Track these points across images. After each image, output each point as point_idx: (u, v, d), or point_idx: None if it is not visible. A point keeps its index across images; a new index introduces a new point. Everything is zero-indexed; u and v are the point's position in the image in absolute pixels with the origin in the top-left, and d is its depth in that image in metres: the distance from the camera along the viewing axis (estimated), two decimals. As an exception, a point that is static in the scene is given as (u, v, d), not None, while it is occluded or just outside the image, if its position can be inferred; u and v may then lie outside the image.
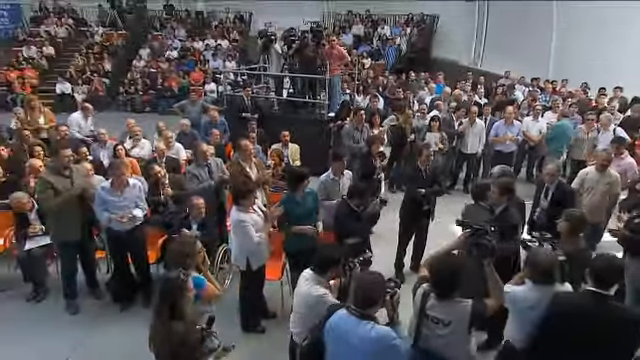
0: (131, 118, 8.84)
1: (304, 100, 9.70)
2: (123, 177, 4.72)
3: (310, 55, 9.35)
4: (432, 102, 10.05)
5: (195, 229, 5.04)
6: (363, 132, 7.60)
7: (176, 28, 19.09)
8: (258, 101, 9.95)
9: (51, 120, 8.82)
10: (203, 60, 17.29)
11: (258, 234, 4.32)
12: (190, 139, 8.08)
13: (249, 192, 4.30)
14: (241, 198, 4.28)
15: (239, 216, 4.27)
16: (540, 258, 3.00)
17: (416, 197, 5.34)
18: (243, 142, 5.63)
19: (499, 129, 8.45)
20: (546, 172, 5.42)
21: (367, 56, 15.94)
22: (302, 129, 8.46)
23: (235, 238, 4.46)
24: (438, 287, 2.90)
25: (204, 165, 5.50)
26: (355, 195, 4.47)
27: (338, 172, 5.35)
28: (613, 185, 5.56)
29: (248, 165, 5.60)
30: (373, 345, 2.58)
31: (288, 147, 7.87)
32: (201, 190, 5.34)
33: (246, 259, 4.43)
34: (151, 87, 15.92)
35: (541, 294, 2.95)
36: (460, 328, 2.86)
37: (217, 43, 17.99)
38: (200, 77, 16.41)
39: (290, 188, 4.68)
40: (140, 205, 4.94)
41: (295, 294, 3.50)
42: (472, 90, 11.51)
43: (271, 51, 9.71)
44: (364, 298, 2.68)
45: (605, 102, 10.19)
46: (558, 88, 11.96)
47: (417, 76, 12.95)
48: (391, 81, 12.94)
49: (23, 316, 5.11)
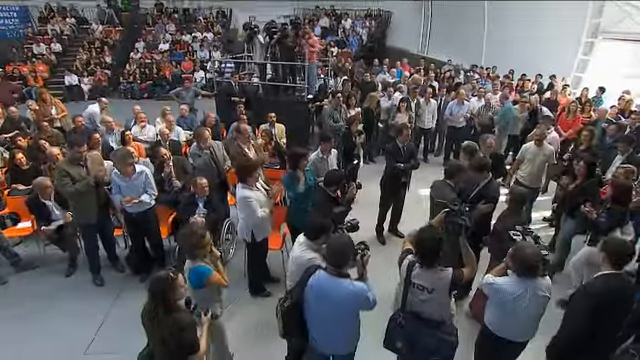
0: (132, 105, 8.10)
1: (286, 84, 9.08)
2: (128, 167, 4.12)
3: (290, 45, 8.68)
4: (394, 85, 9.62)
5: (202, 207, 4.58)
6: (341, 112, 7.13)
7: (166, 23, 17.66)
8: (245, 86, 9.29)
9: (62, 110, 7.97)
10: (191, 51, 16.13)
11: (262, 209, 3.89)
12: (189, 122, 7.42)
13: (254, 170, 3.84)
14: (246, 175, 3.82)
15: (244, 193, 3.81)
16: (527, 253, 2.66)
17: (396, 171, 5.00)
18: (243, 126, 5.07)
19: (452, 108, 8.13)
20: (486, 144, 5.13)
21: (334, 45, 15.16)
22: (285, 110, 7.83)
23: (240, 213, 4.01)
24: (422, 257, 2.66)
25: (206, 147, 4.92)
26: (332, 183, 3.99)
27: (326, 151, 4.90)
28: (549, 157, 5.44)
29: (247, 147, 5.06)
30: (353, 298, 2.53)
31: (275, 127, 7.33)
32: (205, 169, 4.82)
33: (251, 232, 4.02)
34: (148, 76, 14.73)
35: (525, 286, 2.68)
36: (442, 293, 2.69)
37: (203, 36, 16.81)
38: (190, 66, 15.37)
39: (291, 166, 4.21)
40: (149, 191, 4.38)
41: (290, 257, 3.18)
42: (425, 75, 11.10)
43: (255, 41, 8.92)
44: (338, 258, 2.56)
45: (529, 86, 10.09)
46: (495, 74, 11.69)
47: (380, 62, 12.37)
48: (357, 67, 12.31)
49: (57, 288, 4.63)
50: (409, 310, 2.75)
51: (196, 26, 17.63)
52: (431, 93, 8.16)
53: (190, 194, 4.69)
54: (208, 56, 15.39)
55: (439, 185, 4.09)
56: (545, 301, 2.74)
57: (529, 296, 2.66)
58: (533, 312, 2.73)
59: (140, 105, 7.93)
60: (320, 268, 2.64)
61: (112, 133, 6.73)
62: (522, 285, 2.68)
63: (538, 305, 2.72)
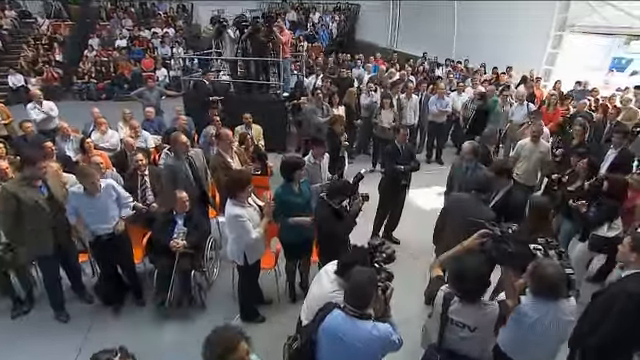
0: (89, 107, 7.24)
1: (259, 82, 8.50)
2: (94, 184, 3.50)
3: (262, 39, 8.11)
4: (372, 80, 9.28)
5: (181, 224, 4.01)
6: (324, 110, 6.67)
7: (122, 18, 16.42)
8: (215, 84, 8.63)
9: (7, 116, 6.98)
10: (152, 47, 15.06)
11: (256, 229, 3.39)
12: (157, 126, 6.72)
13: (247, 184, 3.31)
14: (239, 190, 3.29)
15: (235, 210, 3.29)
16: (548, 272, 2.26)
17: (396, 174, 4.62)
18: (223, 131, 4.47)
19: (434, 103, 7.91)
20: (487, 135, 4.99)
21: (304, 39, 14.64)
22: (259, 109, 7.26)
23: (230, 233, 3.49)
24: (465, 292, 2.25)
25: (185, 158, 4.33)
26: (336, 194, 3.50)
27: (319, 155, 4.44)
28: (545, 154, 5.29)
29: (229, 155, 4.50)
30: (375, 343, 2.14)
31: (252, 128, 6.78)
32: (184, 181, 4.23)
33: (243, 254, 3.51)
34: (105, 75, 13.54)
35: (546, 309, 2.31)
36: (487, 331, 2.30)
37: (164, 31, 15.74)
38: (151, 64, 14.28)
39: (285, 178, 3.73)
40: (123, 203, 3.78)
41: (314, 288, 2.69)
42: (400, 69, 10.83)
43: (225, 36, 8.27)
44: (360, 298, 2.14)
45: (505, 78, 10.05)
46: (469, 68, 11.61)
47: (352, 57, 11.99)
48: (330, 62, 11.88)
49: (18, 330, 3.89)
50: (446, 348, 2.38)
51: (155, 21, 16.51)
52: (413, 88, 7.87)
53: (167, 210, 4.11)
54: (170, 53, 14.41)
55: (470, 201, 3.45)
56: (569, 326, 2.41)
57: (549, 320, 2.31)
58: (553, 338, 2.39)
59: (98, 107, 7.11)
60: (338, 307, 2.21)
61: (68, 140, 5.94)
62: (542, 307, 2.32)
63: (560, 330, 2.37)
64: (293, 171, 3.65)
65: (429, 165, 8.18)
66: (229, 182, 3.30)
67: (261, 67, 8.39)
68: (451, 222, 3.49)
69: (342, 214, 3.47)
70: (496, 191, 3.72)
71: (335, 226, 3.43)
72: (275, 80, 8.46)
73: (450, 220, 3.53)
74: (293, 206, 3.68)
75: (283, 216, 3.67)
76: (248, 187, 3.31)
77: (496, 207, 3.58)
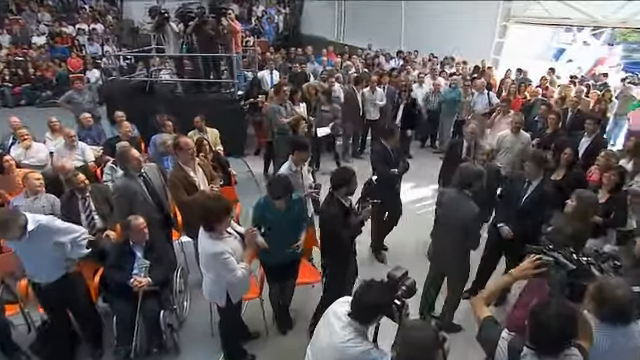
0: (5, 115, 6.07)
1: (210, 80, 7.71)
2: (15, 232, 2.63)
3: (210, 33, 7.32)
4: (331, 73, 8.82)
5: (141, 256, 3.29)
6: (287, 109, 6.09)
7: (37, 11, 14.44)
8: (155, 84, 7.72)
9: None
10: (78, 45, 13.36)
11: (241, 265, 2.79)
12: (96, 135, 5.75)
13: (226, 214, 2.69)
14: (215, 223, 2.67)
15: (214, 247, 2.68)
16: (617, 295, 1.90)
17: (391, 177, 4.23)
18: (183, 140, 3.74)
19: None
20: (469, 131, 4.79)
21: (249, 34, 13.80)
22: (212, 111, 6.47)
23: (209, 273, 2.88)
24: (546, 346, 1.79)
25: (138, 175, 3.57)
26: (342, 184, 3.11)
27: (300, 162, 3.90)
28: (527, 144, 5.17)
29: (191, 168, 3.79)
30: None
31: (206, 132, 6.02)
32: (140, 203, 3.48)
33: (226, 294, 2.92)
34: (21, 78, 11.75)
35: (612, 336, 1.96)
36: None
37: (91, 27, 14.05)
38: (78, 64, 12.52)
39: (274, 197, 3.12)
40: (75, 241, 2.97)
41: (321, 334, 2.19)
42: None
43: (167, 30, 7.33)
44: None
45: (461, 69, 10.10)
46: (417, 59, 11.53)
47: (304, 51, 11.43)
48: (278, 58, 11.21)
49: None
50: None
51: (80, 16, 14.71)
52: (376, 81, 7.53)
53: (122, 241, 3.36)
54: (101, 51, 12.85)
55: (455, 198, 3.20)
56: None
57: (619, 349, 1.97)
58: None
59: (17, 116, 5.96)
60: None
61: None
62: (609, 335, 1.97)
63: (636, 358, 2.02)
64: (287, 194, 3.07)
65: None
66: (204, 212, 2.65)
67: (211, 63, 7.62)
68: (439, 220, 3.35)
69: (350, 214, 3.11)
70: (527, 182, 3.56)
71: (340, 229, 3.05)
72: (227, 77, 7.74)
73: (439, 218, 3.37)
74: (273, 226, 3.11)
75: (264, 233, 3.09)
76: (228, 217, 2.70)
77: (531, 199, 3.50)
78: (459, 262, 3.39)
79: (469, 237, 3.18)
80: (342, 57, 10.87)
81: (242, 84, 8.07)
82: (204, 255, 2.73)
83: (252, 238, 2.88)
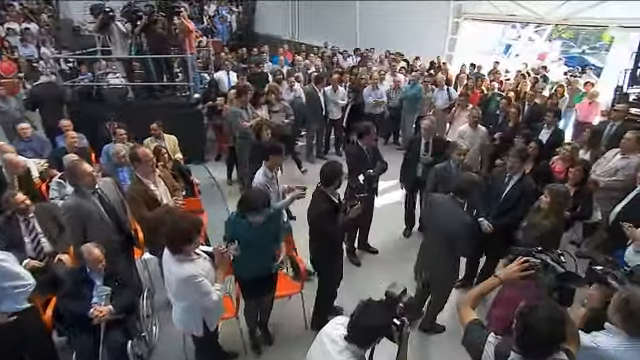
0: None
1: (163, 84, 7.25)
2: None
3: (161, 32, 6.88)
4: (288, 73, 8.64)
5: (100, 283, 2.95)
6: (248, 112, 5.83)
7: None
8: (103, 89, 7.15)
9: None
10: (9, 47, 12.13)
11: (215, 287, 2.55)
12: (39, 147, 5.19)
13: (196, 235, 2.44)
14: (185, 244, 2.41)
15: (185, 271, 2.42)
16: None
17: (368, 178, 4.10)
18: (142, 150, 3.39)
19: (369, 94, 7.62)
20: (424, 127, 4.75)
21: (202, 34, 13.24)
22: (167, 116, 5.99)
23: (179, 301, 2.61)
24: (535, 349, 1.70)
25: (92, 192, 3.20)
26: (332, 179, 3.08)
27: (274, 167, 3.71)
28: (485, 138, 5.34)
29: (152, 181, 3.45)
30: None
31: (163, 139, 5.62)
32: (96, 224, 3.12)
33: (202, 322, 2.67)
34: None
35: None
36: None
37: (22, 27, 12.80)
38: (11, 68, 11.42)
39: (247, 213, 2.87)
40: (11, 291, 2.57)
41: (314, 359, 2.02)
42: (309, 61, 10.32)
43: (112, 30, 6.77)
44: None
45: (418, 65, 10.24)
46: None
47: (260, 50, 11.13)
48: (234, 58, 10.81)
49: None
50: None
51: (9, 14, 13.39)
52: (337, 80, 7.42)
53: (78, 267, 3.00)
54: (37, 54, 11.76)
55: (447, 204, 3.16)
56: None
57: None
58: None
59: None
60: None
61: None
62: (637, 348, 1.91)
63: None
64: (262, 208, 2.83)
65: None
66: (173, 233, 2.38)
67: (164, 65, 7.17)
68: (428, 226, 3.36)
69: (339, 210, 3.10)
70: (508, 177, 3.63)
71: (330, 226, 3.03)
72: (182, 80, 7.32)
73: (427, 224, 3.38)
74: (249, 242, 2.84)
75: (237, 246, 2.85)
76: (198, 237, 2.45)
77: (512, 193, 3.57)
78: (447, 270, 3.34)
79: (459, 246, 3.11)
80: (299, 56, 10.66)
81: (198, 86, 7.68)
82: (174, 282, 2.46)
83: (222, 257, 2.65)
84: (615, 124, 5.08)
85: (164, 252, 2.54)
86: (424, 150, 4.67)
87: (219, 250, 2.64)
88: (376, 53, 11.82)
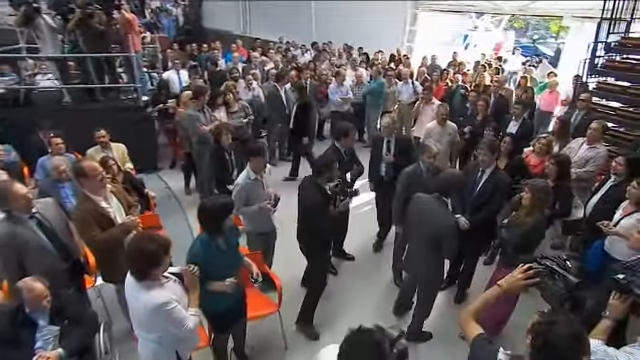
0: None
1: (105, 85, 6.75)
2: None
3: (99, 28, 6.39)
4: (243, 70, 8.39)
5: (45, 324, 2.61)
6: (206, 115, 5.53)
7: None
8: (32, 93, 6.53)
9: None
10: None
11: (190, 313, 2.33)
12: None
13: (165, 255, 2.21)
14: (152, 266, 2.17)
15: (156, 297, 2.18)
16: None
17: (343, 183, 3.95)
18: (88, 164, 3.04)
19: (335, 91, 7.54)
20: (383, 125, 4.67)
21: (145, 29, 12.56)
22: (113, 122, 5.44)
23: (151, 333, 2.34)
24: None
25: (29, 217, 2.82)
26: (324, 170, 3.26)
27: (259, 169, 3.56)
28: (454, 135, 5.36)
29: (102, 197, 3.12)
30: None
31: (111, 149, 5.19)
32: (35, 253, 2.76)
33: (175, 355, 2.43)
34: None
35: None
36: None
37: None
38: None
39: (209, 230, 2.67)
40: None
41: None
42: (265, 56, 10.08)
43: (39, 25, 6.16)
44: None
45: (380, 59, 10.29)
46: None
47: (210, 47, 10.71)
48: (184, 55, 10.33)
49: None
50: None
51: None
52: (296, 77, 7.26)
53: (14, 307, 2.63)
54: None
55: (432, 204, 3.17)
56: None
57: None
58: None
59: None
60: None
61: None
62: None
63: None
64: (223, 220, 2.63)
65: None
66: (139, 258, 2.13)
67: (105, 65, 6.68)
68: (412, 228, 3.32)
69: (330, 202, 3.23)
70: (481, 171, 3.66)
71: (322, 216, 3.16)
72: (127, 81, 6.87)
73: (411, 225, 3.34)
74: (218, 268, 2.65)
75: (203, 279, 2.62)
76: (167, 258, 2.22)
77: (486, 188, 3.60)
78: (432, 271, 3.33)
79: (445, 247, 3.11)
80: (254, 51, 10.40)
81: (146, 88, 7.25)
82: (142, 312, 2.20)
83: (193, 277, 2.43)
84: (580, 113, 5.31)
85: (126, 279, 2.28)
86: (386, 149, 4.55)
87: (189, 271, 2.42)
88: (334, 47, 11.80)
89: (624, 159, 3.63)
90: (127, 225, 3.02)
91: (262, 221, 3.71)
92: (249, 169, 3.55)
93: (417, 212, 3.31)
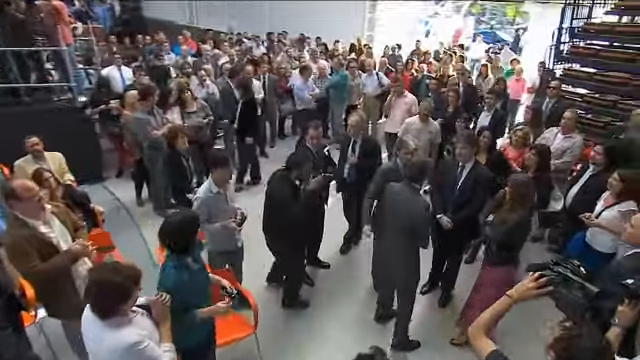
0: None
1: (31, 85, 6.21)
2: None
3: (18, 17, 5.88)
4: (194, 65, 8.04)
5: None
6: (156, 117, 5.20)
7: None
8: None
9: None
10: None
11: (163, 349, 2.12)
12: None
13: (136, 284, 1.99)
14: (120, 303, 1.95)
15: (125, 337, 1.95)
16: None
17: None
18: (19, 183, 2.69)
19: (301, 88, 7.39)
20: (351, 124, 4.48)
21: (75, 19, 11.73)
22: (45, 127, 5.03)
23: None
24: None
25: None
26: (297, 165, 3.43)
27: (223, 182, 3.33)
28: (435, 134, 5.33)
29: (41, 220, 2.79)
30: None
31: (45, 158, 4.75)
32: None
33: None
34: None
35: None
36: None
37: None
38: None
39: (178, 249, 2.45)
40: None
41: None
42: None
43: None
44: None
45: (340, 49, 10.23)
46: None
47: (154, 39, 10.19)
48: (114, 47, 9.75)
49: None
50: None
51: None
52: (252, 72, 7.01)
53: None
54: None
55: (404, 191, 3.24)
56: None
57: None
58: None
59: None
60: None
61: None
62: None
63: None
64: (192, 237, 2.45)
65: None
66: (103, 293, 1.90)
67: (30, 62, 6.15)
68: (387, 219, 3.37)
69: (299, 195, 3.39)
70: (461, 167, 3.69)
71: (292, 204, 3.29)
72: (60, 79, 6.40)
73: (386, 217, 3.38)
74: (191, 293, 2.46)
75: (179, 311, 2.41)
76: (137, 290, 2.00)
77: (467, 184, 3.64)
78: (408, 263, 3.34)
79: (418, 233, 3.19)
80: (204, 44, 9.99)
81: (83, 87, 6.76)
82: (110, 356, 1.95)
83: (164, 308, 2.22)
84: (551, 102, 5.49)
85: (84, 315, 2.04)
86: (351, 150, 4.46)
87: (160, 301, 2.21)
88: (291, 37, 11.64)
89: (603, 148, 3.76)
90: (74, 252, 2.74)
91: (225, 239, 3.49)
92: (211, 181, 3.31)
93: (391, 203, 3.37)
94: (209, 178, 3.36)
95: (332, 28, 11.13)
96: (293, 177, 3.45)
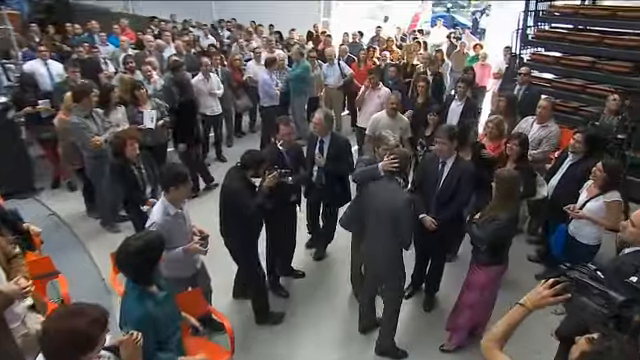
0: None
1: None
2: None
3: None
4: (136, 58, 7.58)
5: None
6: (96, 121, 4.81)
7: None
8: None
9: None
10: None
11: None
12: None
13: (102, 329, 1.76)
14: (84, 352, 1.70)
15: None
16: None
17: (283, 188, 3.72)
18: None
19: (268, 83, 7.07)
20: (315, 123, 4.23)
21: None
22: None
23: None
24: None
25: None
26: (251, 165, 3.43)
27: (180, 200, 3.05)
28: (405, 131, 5.25)
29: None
30: None
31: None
32: None
33: None
34: None
35: None
36: None
37: None
38: None
39: (141, 278, 2.25)
40: None
41: None
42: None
43: None
44: None
45: (296, 38, 10.05)
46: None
47: (85, 28, 9.53)
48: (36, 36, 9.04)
49: None
50: None
51: None
52: (209, 64, 6.69)
53: None
54: None
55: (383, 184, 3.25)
56: None
57: None
58: None
59: None
60: None
61: None
62: None
63: None
64: (156, 263, 2.28)
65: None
66: (62, 341, 1.66)
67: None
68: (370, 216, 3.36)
69: (255, 192, 3.43)
70: (442, 162, 3.69)
71: (244, 200, 3.33)
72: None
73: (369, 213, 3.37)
74: (161, 327, 2.29)
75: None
76: (104, 334, 1.78)
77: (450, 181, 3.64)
78: (392, 262, 3.33)
79: (402, 231, 3.17)
80: (147, 35, 9.46)
81: (1, 85, 6.20)
82: None
83: (135, 347, 2.01)
84: (522, 88, 5.63)
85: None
86: (318, 150, 4.28)
87: (132, 341, 1.97)
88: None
89: (582, 136, 3.87)
90: (6, 294, 2.41)
91: (184, 265, 3.19)
92: (166, 202, 3.00)
93: (373, 198, 3.34)
94: (163, 197, 3.04)
95: (285, 15, 10.92)
96: (249, 175, 3.46)
